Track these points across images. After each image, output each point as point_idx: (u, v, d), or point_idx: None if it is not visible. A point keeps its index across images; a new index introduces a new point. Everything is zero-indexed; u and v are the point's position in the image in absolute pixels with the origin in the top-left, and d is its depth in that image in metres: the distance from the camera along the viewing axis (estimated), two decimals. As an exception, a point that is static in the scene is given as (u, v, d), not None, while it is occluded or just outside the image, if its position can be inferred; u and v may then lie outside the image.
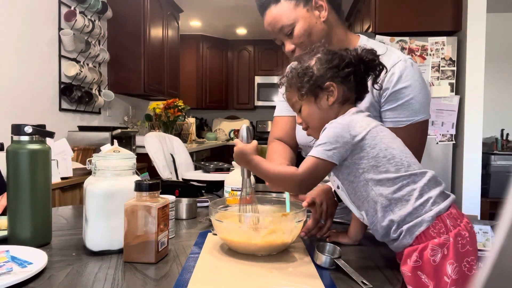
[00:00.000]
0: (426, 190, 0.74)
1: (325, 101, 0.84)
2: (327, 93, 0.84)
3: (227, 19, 5.08)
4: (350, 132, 0.76)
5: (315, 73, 0.83)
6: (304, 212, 0.88)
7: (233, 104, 5.98)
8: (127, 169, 0.88)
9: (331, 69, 0.83)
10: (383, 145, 0.77)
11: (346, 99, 0.85)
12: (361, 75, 0.85)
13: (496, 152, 3.59)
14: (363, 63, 0.84)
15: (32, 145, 0.89)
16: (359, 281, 0.71)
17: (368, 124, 0.79)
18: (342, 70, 0.82)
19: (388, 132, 0.81)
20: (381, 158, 0.75)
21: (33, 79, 2.57)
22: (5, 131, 1.29)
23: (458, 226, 0.71)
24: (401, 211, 0.73)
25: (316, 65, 0.84)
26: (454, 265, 0.68)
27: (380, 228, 0.76)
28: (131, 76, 3.51)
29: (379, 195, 0.75)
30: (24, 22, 2.49)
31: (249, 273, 0.75)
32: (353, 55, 0.84)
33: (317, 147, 0.77)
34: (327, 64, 0.83)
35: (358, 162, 0.76)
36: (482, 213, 3.10)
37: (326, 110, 0.85)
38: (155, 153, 2.47)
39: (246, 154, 0.84)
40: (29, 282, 0.69)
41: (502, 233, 0.23)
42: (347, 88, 0.84)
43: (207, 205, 1.22)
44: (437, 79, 3.00)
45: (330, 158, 0.76)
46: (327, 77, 0.83)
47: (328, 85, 0.83)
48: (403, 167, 0.75)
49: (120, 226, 0.81)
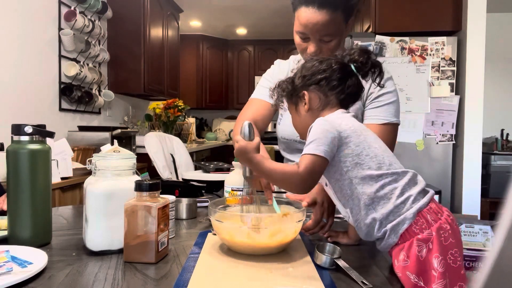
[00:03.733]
0: (406, 189, 0.76)
1: (302, 108, 0.88)
2: (303, 101, 0.88)
3: (227, 19, 5.08)
4: (337, 128, 0.78)
5: (293, 84, 0.88)
6: (304, 212, 0.89)
7: (233, 104, 5.98)
8: (127, 169, 0.88)
9: (303, 78, 0.87)
10: (366, 143, 0.79)
11: (324, 104, 0.87)
12: (342, 78, 0.85)
13: (496, 152, 3.59)
14: (356, 63, 0.85)
15: (32, 145, 0.89)
16: (359, 281, 0.71)
17: (352, 123, 0.81)
18: (315, 78, 0.85)
19: (371, 132, 0.83)
20: (364, 156, 0.77)
21: (33, 79, 2.57)
22: (5, 131, 1.29)
23: (439, 220, 0.73)
24: (383, 209, 0.75)
25: (297, 74, 0.89)
26: (439, 258, 0.70)
27: (364, 226, 0.78)
28: (131, 76, 3.51)
29: (362, 194, 0.77)
30: (24, 22, 2.49)
31: (249, 273, 0.75)
32: (344, 56, 0.86)
33: (309, 145, 0.78)
34: (303, 73, 0.87)
35: (343, 160, 0.78)
36: (482, 213, 3.11)
37: (305, 116, 0.88)
38: (155, 153, 2.47)
39: (247, 152, 0.83)
40: (29, 282, 0.69)
41: (502, 233, 0.23)
42: (322, 94, 0.86)
43: (207, 205, 1.22)
44: (437, 79, 3.00)
45: (323, 153, 0.76)
46: (300, 85, 0.87)
47: (302, 94, 0.87)
48: (384, 165, 0.77)
49: (120, 226, 0.81)
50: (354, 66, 0.85)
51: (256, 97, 1.34)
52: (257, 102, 1.33)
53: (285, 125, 1.27)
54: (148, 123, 4.21)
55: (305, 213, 0.90)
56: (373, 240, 0.80)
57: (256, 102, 1.33)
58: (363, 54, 0.85)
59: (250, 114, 1.31)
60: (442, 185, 3.01)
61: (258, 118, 1.30)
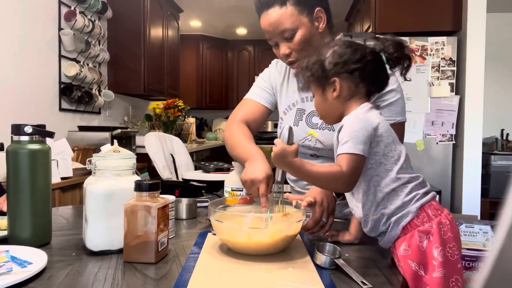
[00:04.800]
0: (414, 189, 0.79)
1: (330, 94, 0.86)
2: (332, 86, 0.85)
3: (227, 19, 5.08)
4: (372, 126, 0.78)
5: (325, 66, 0.85)
6: (304, 212, 0.89)
7: (233, 104, 5.98)
8: (127, 169, 0.88)
9: (337, 65, 0.83)
10: (393, 145, 0.80)
11: (353, 94, 0.85)
12: (376, 68, 0.84)
13: (496, 152, 3.59)
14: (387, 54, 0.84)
15: (32, 145, 0.89)
16: (359, 281, 0.71)
17: (383, 121, 0.81)
18: (349, 66, 0.83)
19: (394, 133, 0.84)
20: (389, 158, 0.79)
21: (33, 79, 2.57)
22: (5, 131, 1.29)
23: (439, 216, 0.77)
24: (392, 205, 0.78)
25: (328, 58, 0.85)
26: (439, 249, 0.73)
27: (371, 221, 0.80)
28: (131, 76, 3.51)
29: (379, 191, 0.79)
30: (24, 22, 2.49)
31: (249, 273, 0.75)
32: (377, 45, 0.84)
33: (345, 144, 0.78)
34: (336, 59, 0.84)
35: (370, 157, 0.79)
36: (482, 213, 3.11)
37: (331, 102, 0.87)
38: (155, 153, 2.47)
39: (287, 156, 0.81)
40: (29, 282, 0.69)
41: (502, 233, 0.23)
42: (353, 84, 0.84)
43: (207, 205, 1.22)
44: (437, 79, 3.00)
45: (363, 151, 0.77)
46: (332, 72, 0.84)
47: (333, 81, 0.85)
48: (402, 169, 0.79)
49: (120, 226, 0.81)
50: (385, 56, 0.84)
51: (250, 98, 1.33)
52: (251, 103, 1.32)
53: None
54: (148, 123, 4.21)
55: (305, 213, 0.90)
56: (376, 234, 0.81)
57: (249, 102, 1.32)
58: (398, 47, 0.84)
59: (243, 114, 1.30)
60: (442, 185, 3.01)
61: (250, 119, 1.29)
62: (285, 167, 0.84)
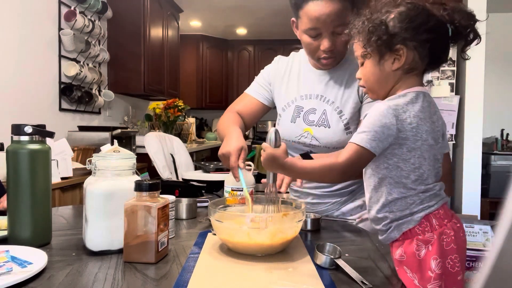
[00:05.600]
0: (427, 200, 0.73)
1: (389, 64, 0.75)
2: (394, 56, 0.74)
3: (227, 19, 5.08)
4: (398, 126, 0.70)
5: (388, 30, 0.72)
6: (304, 212, 0.89)
7: (233, 104, 5.98)
8: (127, 169, 0.88)
9: (407, 30, 0.72)
10: (419, 152, 0.72)
11: (413, 68, 0.75)
12: (444, 43, 0.74)
13: (496, 152, 3.59)
14: (454, 27, 0.73)
15: (32, 145, 0.89)
16: (359, 281, 0.71)
17: (418, 123, 0.72)
18: (421, 35, 0.71)
19: (431, 136, 0.73)
20: (410, 164, 0.72)
21: (33, 79, 2.57)
22: (5, 131, 1.29)
23: (444, 226, 0.72)
24: (398, 211, 0.74)
25: (393, 20, 0.73)
26: (437, 260, 0.69)
27: (373, 217, 0.78)
28: (131, 76, 3.51)
29: (387, 194, 0.74)
30: (24, 22, 2.49)
31: (249, 273, 0.75)
32: (444, 15, 0.72)
33: (361, 134, 0.72)
34: (406, 23, 0.72)
35: (389, 157, 0.73)
36: (482, 213, 3.10)
37: (387, 74, 0.76)
38: (155, 153, 2.47)
39: (278, 158, 0.81)
40: (29, 282, 0.69)
41: (502, 233, 0.23)
42: (418, 56, 0.73)
43: (207, 205, 1.22)
44: (437, 79, 3.00)
45: (373, 149, 0.71)
46: (400, 38, 0.72)
47: (398, 48, 0.73)
48: (420, 179, 0.73)
49: (120, 226, 0.81)
50: (451, 29, 0.73)
51: (249, 93, 1.37)
52: (249, 98, 1.36)
53: (284, 125, 1.27)
54: (148, 123, 4.21)
55: (305, 212, 0.90)
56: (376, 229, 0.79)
57: (247, 97, 1.36)
58: (470, 18, 0.73)
59: (238, 107, 1.35)
60: (442, 185, 3.01)
61: (246, 114, 1.33)
62: (277, 169, 0.83)
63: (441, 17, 0.72)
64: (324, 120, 1.20)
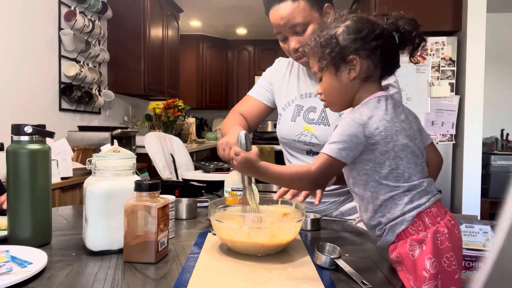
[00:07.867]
0: (417, 197, 0.74)
1: (346, 75, 0.79)
2: (349, 66, 0.78)
3: (227, 19, 5.08)
4: (365, 133, 0.73)
5: (339, 44, 0.77)
6: (304, 212, 0.89)
7: (233, 104, 5.91)
8: (127, 169, 0.88)
9: (356, 41, 0.76)
10: (392, 153, 0.74)
11: (370, 75, 0.78)
12: (392, 49, 0.78)
13: (496, 152, 3.59)
14: (399, 34, 0.77)
15: (32, 145, 0.89)
16: (359, 281, 0.71)
17: (385, 126, 0.74)
18: (369, 43, 0.76)
19: (403, 135, 0.75)
20: (386, 166, 0.74)
21: (33, 79, 2.57)
22: (5, 131, 1.29)
23: (437, 224, 0.72)
24: (389, 214, 0.74)
25: (342, 34, 0.77)
26: (432, 260, 0.69)
27: (368, 225, 0.79)
28: (131, 76, 3.51)
29: (374, 198, 0.76)
30: (24, 22, 2.49)
31: (249, 273, 0.75)
32: (389, 24, 0.77)
33: (331, 144, 0.74)
34: (354, 34, 0.76)
35: (365, 163, 0.75)
36: (482, 213, 3.10)
37: (346, 84, 0.79)
38: (155, 153, 2.47)
39: (251, 162, 0.82)
40: (29, 282, 0.69)
41: (502, 233, 0.23)
42: (372, 64, 0.77)
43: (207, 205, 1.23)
44: (437, 79, 3.00)
45: (343, 158, 0.73)
46: (351, 48, 0.76)
47: (351, 58, 0.77)
48: (402, 178, 0.74)
49: (120, 226, 0.81)
50: (397, 36, 0.77)
51: (251, 95, 1.39)
52: (251, 100, 1.38)
53: (284, 124, 1.28)
54: (148, 123, 4.21)
55: (305, 212, 0.90)
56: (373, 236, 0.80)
57: (250, 99, 1.39)
58: (413, 24, 0.77)
59: (242, 109, 1.38)
60: (442, 185, 3.01)
61: (249, 115, 1.36)
62: (251, 173, 0.84)
63: (386, 25, 0.77)
64: (324, 118, 1.21)
